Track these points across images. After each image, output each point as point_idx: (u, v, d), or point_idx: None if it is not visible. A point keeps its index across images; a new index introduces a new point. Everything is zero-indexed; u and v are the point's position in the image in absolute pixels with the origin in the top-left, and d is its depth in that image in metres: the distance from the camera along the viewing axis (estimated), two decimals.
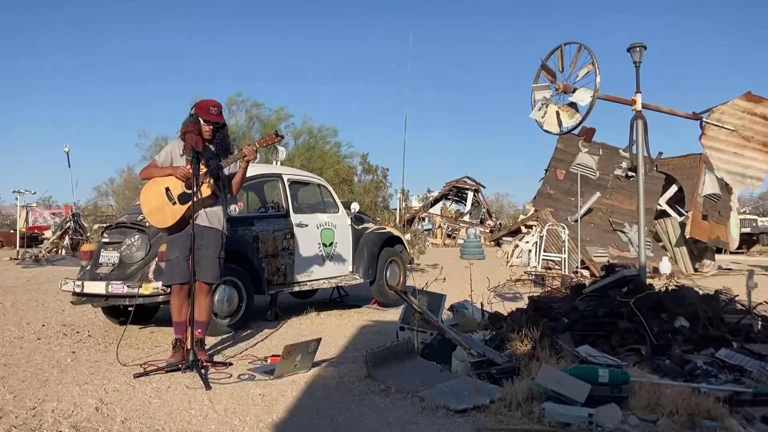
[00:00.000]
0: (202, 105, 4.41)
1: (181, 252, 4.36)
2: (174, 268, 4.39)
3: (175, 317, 4.45)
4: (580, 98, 5.58)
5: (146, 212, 4.47)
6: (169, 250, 4.46)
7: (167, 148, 4.55)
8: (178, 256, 4.37)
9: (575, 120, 5.67)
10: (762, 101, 5.78)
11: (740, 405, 3.17)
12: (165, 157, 4.46)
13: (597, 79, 5.45)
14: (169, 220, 4.35)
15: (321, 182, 7.60)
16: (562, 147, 15.63)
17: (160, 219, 4.39)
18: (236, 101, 22.16)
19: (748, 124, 5.74)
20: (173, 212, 4.34)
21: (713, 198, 14.97)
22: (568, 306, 4.88)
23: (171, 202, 4.34)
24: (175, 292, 4.44)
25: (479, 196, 31.10)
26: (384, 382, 3.75)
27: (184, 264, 4.34)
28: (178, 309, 4.43)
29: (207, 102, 4.45)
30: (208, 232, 4.38)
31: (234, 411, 3.32)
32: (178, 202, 4.33)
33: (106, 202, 25.57)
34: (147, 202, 4.43)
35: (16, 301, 7.58)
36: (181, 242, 4.37)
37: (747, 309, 5.06)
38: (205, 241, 4.35)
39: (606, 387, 3.17)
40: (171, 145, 4.56)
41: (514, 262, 14.78)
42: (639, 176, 5.77)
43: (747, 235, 25.80)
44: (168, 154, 4.46)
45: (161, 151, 4.61)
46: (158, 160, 4.49)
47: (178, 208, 4.32)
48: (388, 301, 7.44)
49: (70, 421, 3.12)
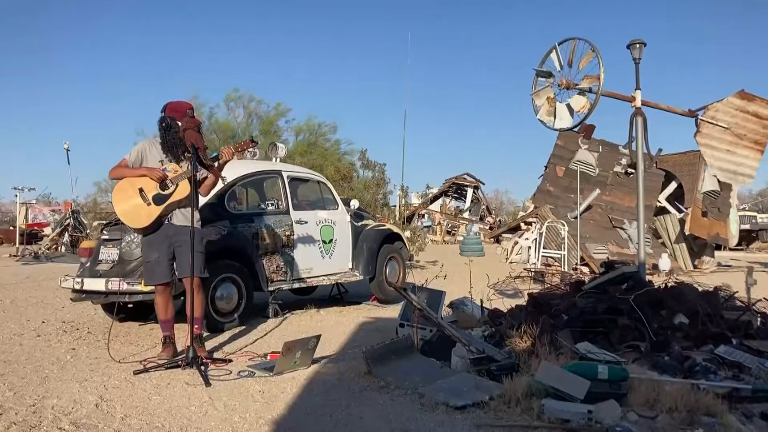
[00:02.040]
0: (181, 108, 4.39)
1: (160, 253, 4.37)
2: (155, 268, 4.41)
3: (161, 316, 4.50)
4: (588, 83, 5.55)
5: (119, 212, 4.40)
6: (148, 251, 4.47)
7: (138, 148, 4.47)
8: (158, 257, 4.38)
9: (586, 108, 5.62)
10: (754, 99, 5.81)
11: (739, 401, 3.18)
12: (136, 157, 4.40)
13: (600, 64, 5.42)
14: (144, 221, 4.34)
15: (321, 179, 7.59)
16: (561, 144, 15.61)
17: (135, 219, 4.37)
18: (234, 97, 22.09)
19: (741, 122, 5.78)
20: (149, 213, 4.32)
21: (713, 195, 14.98)
22: (568, 303, 4.88)
23: (146, 203, 4.32)
24: (159, 292, 4.47)
25: (479, 192, 31.12)
26: (383, 379, 3.76)
27: (165, 264, 4.37)
28: (163, 308, 4.47)
29: (183, 105, 4.45)
30: (186, 231, 4.30)
31: (234, 408, 3.32)
32: (153, 203, 4.32)
33: (106, 199, 25.54)
34: (120, 201, 4.37)
35: (16, 298, 7.59)
36: (159, 242, 4.38)
37: (746, 305, 5.06)
38: (185, 239, 4.30)
39: (605, 383, 3.18)
40: (142, 145, 4.49)
41: (514, 259, 14.80)
42: (638, 173, 5.77)
43: (746, 231, 25.82)
44: (139, 154, 4.41)
45: (131, 150, 4.50)
46: (128, 159, 4.41)
47: (154, 209, 4.32)
48: (388, 297, 7.44)
49: (70, 417, 3.12)
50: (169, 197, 4.32)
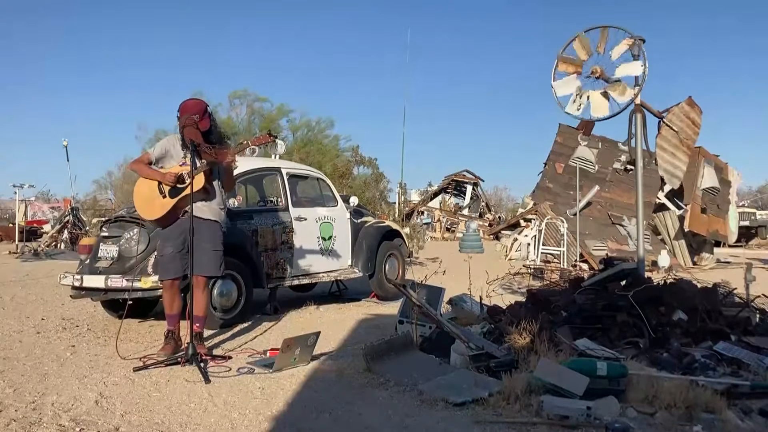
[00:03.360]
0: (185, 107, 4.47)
1: (174, 247, 4.42)
2: (168, 263, 4.46)
3: (167, 310, 4.54)
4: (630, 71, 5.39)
5: (137, 205, 4.56)
6: (163, 245, 4.52)
7: (163, 143, 4.60)
8: (172, 252, 4.42)
9: (629, 95, 5.42)
10: (695, 107, 6.00)
11: (738, 398, 3.19)
12: (160, 152, 4.52)
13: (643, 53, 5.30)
14: (157, 212, 4.43)
15: (320, 176, 7.59)
16: (561, 140, 15.60)
17: (149, 211, 4.48)
18: (240, 95, 22.10)
19: (684, 127, 5.88)
20: (162, 205, 4.42)
21: (712, 191, 14.97)
22: (567, 299, 4.90)
23: (161, 195, 4.43)
24: (167, 287, 4.51)
25: (478, 189, 31.10)
26: (383, 376, 3.76)
27: (178, 259, 4.41)
28: (170, 302, 4.51)
29: (188, 103, 4.52)
30: (202, 225, 4.38)
31: (233, 404, 3.33)
32: (168, 195, 4.42)
33: (105, 196, 25.56)
34: (139, 194, 4.52)
35: (16, 295, 7.59)
36: (174, 237, 4.43)
37: (745, 302, 5.07)
38: (200, 234, 4.34)
39: (604, 380, 3.19)
40: (167, 140, 4.62)
41: (513, 256, 14.81)
42: (638, 170, 5.77)
43: (745, 228, 25.83)
44: (163, 149, 4.52)
45: (156, 144, 4.67)
46: (152, 154, 4.53)
47: (168, 201, 4.41)
48: (387, 294, 7.44)
49: (70, 414, 3.13)
50: (183, 190, 4.39)
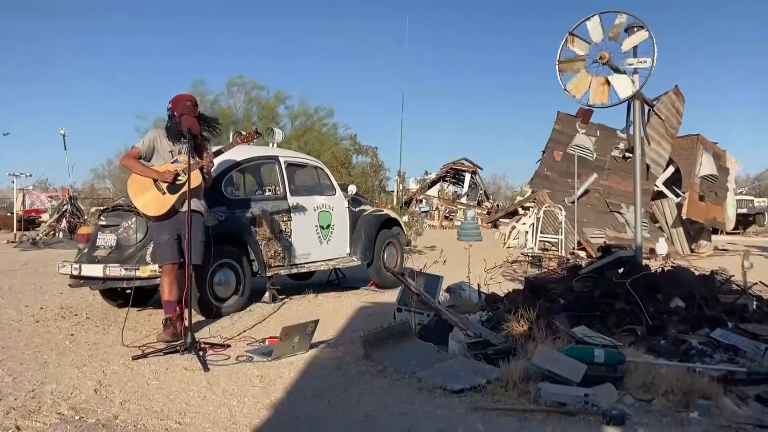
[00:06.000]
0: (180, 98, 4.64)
1: (170, 234, 4.60)
2: (166, 249, 4.63)
3: (164, 296, 4.61)
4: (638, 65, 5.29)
5: (139, 204, 4.69)
6: (158, 233, 4.70)
7: (149, 137, 4.77)
8: (168, 238, 4.60)
9: (632, 89, 5.38)
10: (680, 96, 5.99)
11: (734, 384, 3.20)
12: (147, 146, 4.70)
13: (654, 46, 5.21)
14: (161, 209, 4.61)
15: (318, 164, 7.57)
16: (559, 128, 15.58)
17: (154, 209, 4.64)
18: (237, 83, 22.07)
19: (670, 116, 5.89)
20: (164, 202, 4.61)
21: (710, 179, 14.98)
22: (565, 287, 4.91)
23: (161, 192, 4.61)
24: (166, 272, 4.62)
25: (476, 177, 31.08)
26: (381, 363, 3.78)
27: (175, 245, 4.58)
28: (168, 288, 4.58)
29: (184, 96, 4.70)
30: (193, 217, 4.46)
31: (232, 392, 3.34)
32: (168, 192, 4.61)
33: (103, 185, 25.54)
34: (137, 193, 4.66)
35: (14, 284, 7.58)
36: (169, 226, 4.61)
37: (742, 289, 5.09)
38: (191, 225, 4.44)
39: (602, 367, 3.20)
40: (153, 134, 4.78)
41: (511, 244, 14.82)
42: (636, 157, 5.77)
43: (743, 215, 25.90)
44: (150, 143, 4.69)
45: (143, 138, 4.82)
46: (140, 148, 4.68)
47: (168, 197, 4.62)
48: (386, 282, 7.45)
49: (69, 402, 3.14)
50: (182, 186, 4.54)
